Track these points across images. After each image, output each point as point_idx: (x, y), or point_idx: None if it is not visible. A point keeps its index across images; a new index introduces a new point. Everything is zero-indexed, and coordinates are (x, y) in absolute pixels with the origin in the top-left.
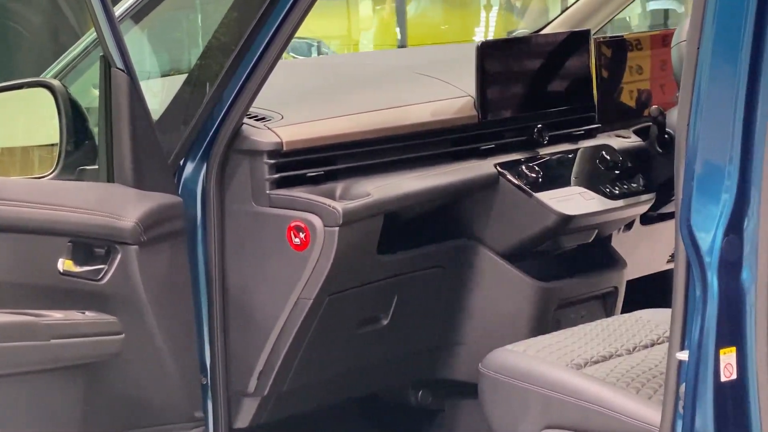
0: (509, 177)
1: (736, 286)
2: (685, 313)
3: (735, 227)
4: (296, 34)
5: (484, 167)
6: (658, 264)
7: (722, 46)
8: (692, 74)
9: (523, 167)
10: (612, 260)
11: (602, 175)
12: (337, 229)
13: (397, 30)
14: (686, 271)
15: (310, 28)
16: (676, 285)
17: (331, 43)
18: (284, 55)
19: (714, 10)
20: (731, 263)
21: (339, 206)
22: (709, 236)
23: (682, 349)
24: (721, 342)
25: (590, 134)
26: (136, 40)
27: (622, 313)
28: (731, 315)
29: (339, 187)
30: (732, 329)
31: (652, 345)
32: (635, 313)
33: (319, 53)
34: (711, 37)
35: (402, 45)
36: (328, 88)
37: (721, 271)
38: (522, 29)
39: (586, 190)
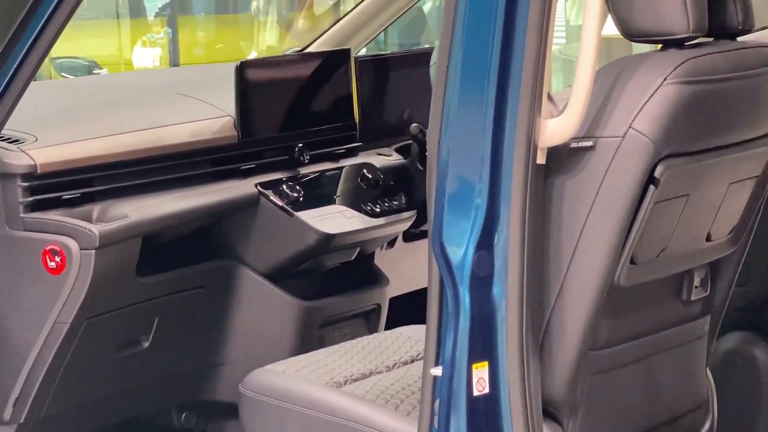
0: (270, 196)
1: (487, 301)
2: (438, 329)
3: (485, 243)
4: (67, 54)
5: (245, 187)
6: (421, 280)
7: (471, 66)
8: (442, 93)
9: (284, 187)
10: (375, 278)
11: (364, 193)
12: (93, 251)
13: (170, 49)
14: (439, 287)
15: (81, 47)
16: (429, 301)
17: (103, 62)
18: (55, 75)
19: (462, 31)
20: (482, 279)
21: (95, 229)
22: (461, 252)
23: (436, 364)
24: (474, 357)
25: (352, 153)
26: None
27: (386, 329)
28: (483, 330)
29: (96, 209)
30: (484, 344)
31: (412, 361)
32: (396, 329)
33: (90, 73)
34: (459, 57)
35: (175, 64)
36: (85, 108)
37: (473, 286)
38: (297, 48)
39: (347, 208)
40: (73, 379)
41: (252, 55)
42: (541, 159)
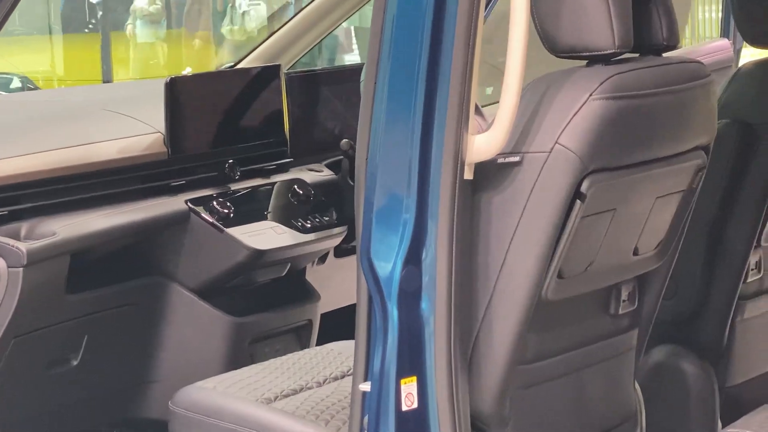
0: (200, 213)
1: (415, 316)
2: (367, 345)
3: (413, 258)
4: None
5: (175, 204)
6: (352, 295)
7: (398, 82)
8: (369, 109)
9: (215, 203)
10: (306, 293)
11: (295, 209)
12: (21, 269)
13: (102, 65)
14: (368, 303)
15: (13, 63)
16: (358, 316)
17: (35, 78)
18: None
19: (389, 47)
20: (410, 294)
21: (23, 246)
22: (389, 267)
23: (365, 380)
24: (402, 372)
25: (283, 169)
26: None
27: (318, 345)
28: (411, 345)
29: (24, 227)
30: (412, 359)
31: (342, 377)
32: (327, 345)
33: (23, 89)
34: (387, 73)
35: (107, 80)
36: (13, 125)
37: (401, 301)
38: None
39: (278, 224)
40: (2, 397)
41: (188, 71)
42: (468, 174)
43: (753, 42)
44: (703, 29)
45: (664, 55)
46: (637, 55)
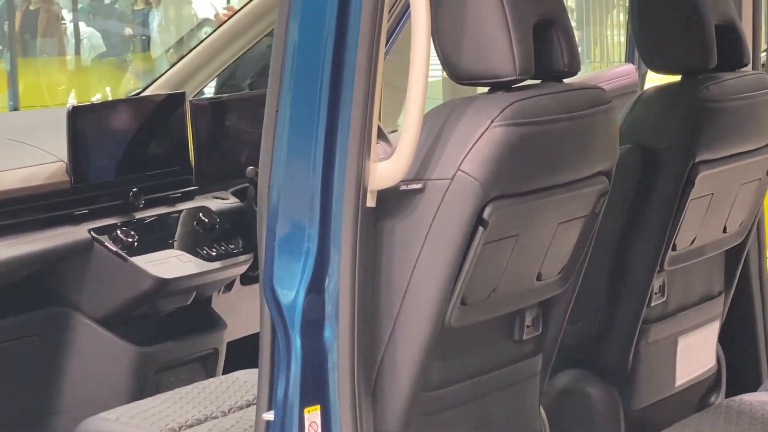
0: (104, 242)
1: (319, 344)
2: (271, 373)
3: (316, 287)
4: None
5: (78, 233)
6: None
7: (300, 110)
8: (272, 137)
9: (119, 232)
10: (212, 322)
11: (200, 237)
12: None
13: (9, 92)
14: (271, 331)
15: None
16: (261, 345)
17: None
18: None
19: (291, 75)
20: (314, 322)
21: None
22: (292, 295)
23: (269, 409)
24: (306, 400)
25: (188, 197)
26: None
27: (224, 373)
28: (315, 373)
29: None
30: (316, 387)
31: (248, 406)
32: (232, 374)
33: None
34: (288, 101)
35: (15, 108)
36: None
37: (304, 330)
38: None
39: (183, 252)
40: None
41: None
42: (371, 202)
43: (653, 67)
44: (612, 53)
45: (566, 81)
46: (538, 81)
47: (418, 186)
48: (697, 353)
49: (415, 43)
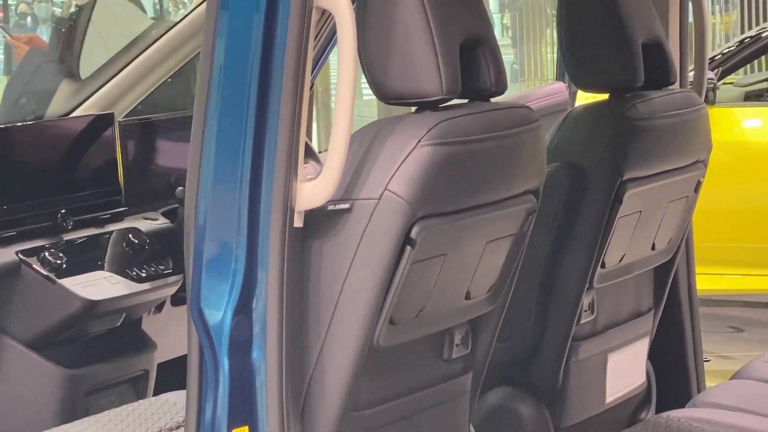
0: (31, 264)
1: (246, 366)
2: (199, 395)
3: (244, 308)
4: None
5: (5, 255)
6: None
7: (226, 131)
8: (198, 157)
9: (47, 254)
10: (142, 343)
11: (130, 258)
12: None
13: None
14: (199, 352)
15: None
16: (189, 366)
17: None
18: None
19: (217, 95)
20: (241, 343)
21: None
22: (219, 316)
23: (197, 431)
24: (234, 422)
25: (117, 217)
26: None
27: (155, 395)
28: (243, 394)
29: None
30: (244, 409)
31: (177, 428)
32: (162, 395)
33: None
34: (215, 121)
35: None
36: None
37: (232, 351)
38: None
39: (112, 274)
40: None
41: None
42: (298, 222)
43: (581, 86)
44: (547, 70)
45: (492, 100)
46: (466, 101)
47: (346, 206)
48: (626, 370)
49: (341, 63)
